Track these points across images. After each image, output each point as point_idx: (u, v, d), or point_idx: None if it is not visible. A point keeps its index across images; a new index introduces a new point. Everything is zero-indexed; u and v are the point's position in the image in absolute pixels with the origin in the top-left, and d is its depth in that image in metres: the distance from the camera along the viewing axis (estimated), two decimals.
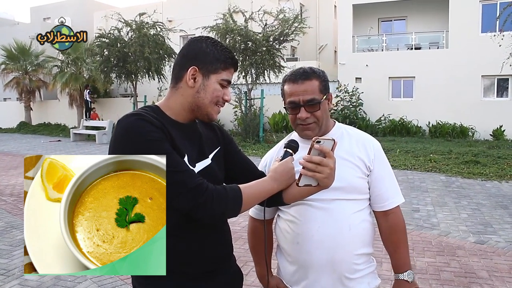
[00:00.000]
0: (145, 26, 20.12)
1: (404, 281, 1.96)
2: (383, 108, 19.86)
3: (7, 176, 11.63)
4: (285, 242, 1.96)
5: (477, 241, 5.83)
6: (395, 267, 2.00)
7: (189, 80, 1.58)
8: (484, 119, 17.98)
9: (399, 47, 21.84)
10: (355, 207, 1.88)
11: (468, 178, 10.28)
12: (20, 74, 28.06)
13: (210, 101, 1.61)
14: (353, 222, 1.86)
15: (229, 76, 1.66)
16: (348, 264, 1.86)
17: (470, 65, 18.49)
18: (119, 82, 22.10)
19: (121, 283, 4.49)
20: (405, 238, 2.01)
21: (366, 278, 1.92)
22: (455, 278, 4.61)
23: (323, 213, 1.84)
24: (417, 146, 14.85)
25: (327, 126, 1.96)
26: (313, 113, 1.86)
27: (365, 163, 1.91)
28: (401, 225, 1.99)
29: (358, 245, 1.88)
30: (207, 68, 1.60)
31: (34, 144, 20.56)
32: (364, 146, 1.93)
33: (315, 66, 2.01)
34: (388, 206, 1.96)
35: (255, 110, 18.51)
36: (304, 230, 1.87)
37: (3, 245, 5.82)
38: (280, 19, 17.80)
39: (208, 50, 1.61)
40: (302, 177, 1.55)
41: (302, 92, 1.84)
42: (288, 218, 1.93)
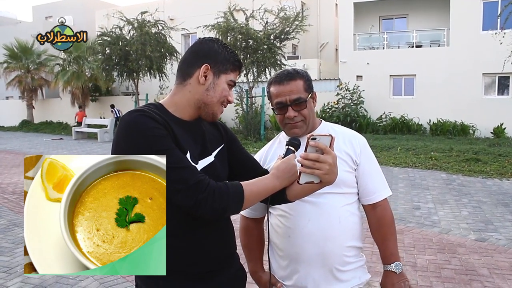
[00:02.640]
0: (146, 25, 20.14)
1: (392, 272, 1.99)
2: (384, 106, 19.84)
3: (9, 174, 11.66)
4: (276, 237, 2.00)
5: (478, 239, 5.83)
6: (383, 259, 2.04)
7: (201, 77, 1.60)
8: (485, 117, 17.95)
9: (400, 45, 21.78)
10: (344, 200, 1.94)
11: (469, 176, 10.28)
12: (22, 72, 28.13)
13: (218, 100, 1.64)
14: (343, 214, 1.92)
15: (235, 78, 1.70)
16: (339, 256, 1.90)
17: (471, 63, 18.44)
18: (120, 81, 22.14)
19: (122, 280, 4.51)
20: (393, 230, 2.05)
21: (357, 271, 1.97)
22: (456, 276, 4.62)
23: (313, 206, 1.89)
24: (418, 144, 14.84)
25: (314, 124, 2.02)
26: (300, 111, 1.92)
27: (352, 157, 1.96)
28: (388, 218, 2.04)
29: (348, 238, 1.93)
30: (218, 67, 1.62)
31: (36, 142, 20.59)
32: (350, 142, 1.99)
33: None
34: (375, 199, 2.00)
35: (256, 108, 18.52)
36: (295, 224, 1.91)
37: (6, 243, 5.84)
38: (281, 17, 17.80)
39: (220, 50, 1.63)
40: (301, 175, 1.56)
41: (288, 92, 1.91)
42: (279, 213, 1.98)
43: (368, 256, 4.69)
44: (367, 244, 2.13)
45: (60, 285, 4.43)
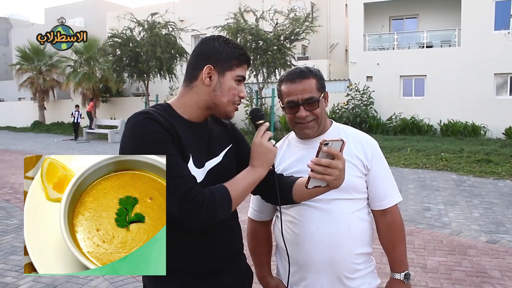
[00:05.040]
0: (157, 26, 20.26)
1: (400, 281, 1.95)
2: (394, 107, 19.74)
3: (21, 174, 11.74)
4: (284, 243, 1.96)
5: (489, 241, 5.77)
6: (392, 266, 2.00)
7: (205, 79, 1.59)
8: (497, 118, 17.77)
9: (411, 46, 21.66)
10: (354, 206, 1.88)
11: (480, 177, 10.18)
12: (34, 74, 28.45)
13: (228, 99, 1.62)
14: (352, 221, 1.86)
15: (243, 72, 1.66)
16: (348, 263, 1.85)
17: (482, 63, 18.27)
18: (131, 82, 22.29)
19: (132, 280, 4.52)
20: (403, 237, 2.00)
21: (366, 278, 1.92)
22: (467, 278, 4.57)
23: (322, 213, 1.84)
24: (428, 145, 14.74)
25: (325, 125, 1.96)
26: (312, 111, 1.86)
27: (363, 162, 1.90)
28: (399, 224, 1.99)
29: (357, 245, 1.87)
30: (221, 66, 1.60)
31: (48, 143, 20.77)
32: (362, 145, 1.93)
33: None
34: (386, 205, 1.95)
35: (266, 109, 18.52)
36: (303, 231, 1.86)
37: (18, 242, 5.89)
38: (291, 18, 17.78)
39: (221, 48, 1.61)
40: (310, 180, 1.53)
41: (300, 91, 1.85)
42: (287, 219, 1.92)
43: (378, 258, 4.66)
44: (376, 246, 2.10)
45: (71, 285, 4.46)
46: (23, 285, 4.50)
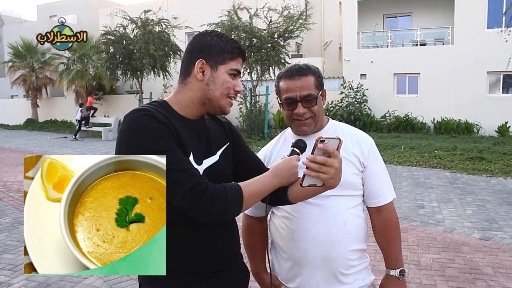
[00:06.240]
0: (150, 23, 20.16)
1: (395, 277, 1.97)
2: (388, 105, 19.78)
3: (14, 172, 11.71)
4: (280, 239, 1.97)
5: (482, 238, 5.82)
6: (388, 263, 2.01)
7: (198, 74, 1.58)
8: (490, 116, 17.86)
9: (404, 43, 21.72)
10: (350, 203, 1.90)
11: (473, 175, 10.25)
12: (27, 71, 28.26)
13: (221, 93, 1.60)
14: (348, 218, 1.87)
15: (237, 66, 1.64)
16: (343, 260, 1.87)
17: (475, 61, 18.35)
18: (124, 79, 22.20)
19: (126, 278, 4.52)
20: (398, 234, 2.02)
21: (360, 274, 1.94)
22: (460, 275, 4.61)
23: (318, 209, 1.85)
24: (422, 143, 14.79)
25: (322, 122, 1.98)
26: (310, 108, 1.87)
27: (359, 159, 1.92)
28: (394, 221, 2.00)
29: (352, 241, 1.89)
30: (214, 59, 1.59)
31: (41, 141, 20.66)
32: (358, 143, 1.94)
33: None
34: (381, 202, 1.97)
35: (260, 106, 18.51)
36: (299, 227, 1.87)
37: (11, 240, 5.87)
38: (285, 16, 17.75)
39: (213, 42, 1.60)
40: (305, 178, 1.51)
41: (298, 88, 1.86)
42: (283, 215, 1.94)
43: (372, 255, 4.68)
44: (370, 243, 2.11)
45: (65, 283, 4.45)
46: (16, 283, 4.49)
